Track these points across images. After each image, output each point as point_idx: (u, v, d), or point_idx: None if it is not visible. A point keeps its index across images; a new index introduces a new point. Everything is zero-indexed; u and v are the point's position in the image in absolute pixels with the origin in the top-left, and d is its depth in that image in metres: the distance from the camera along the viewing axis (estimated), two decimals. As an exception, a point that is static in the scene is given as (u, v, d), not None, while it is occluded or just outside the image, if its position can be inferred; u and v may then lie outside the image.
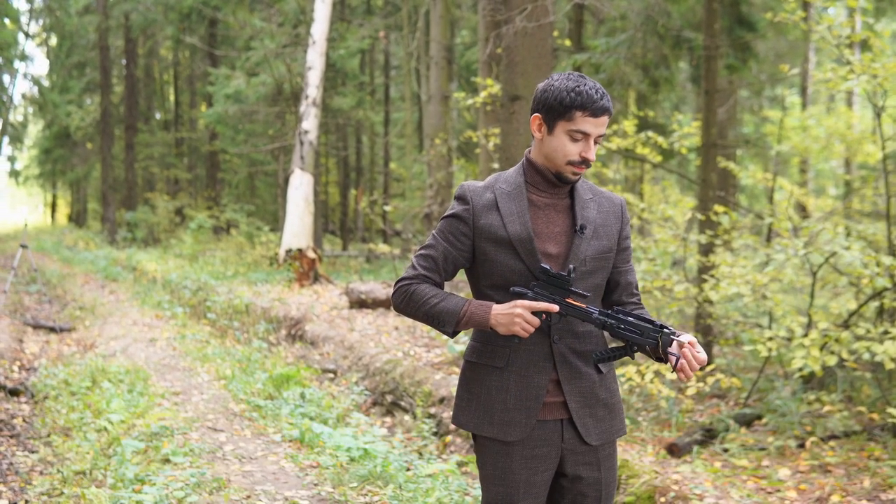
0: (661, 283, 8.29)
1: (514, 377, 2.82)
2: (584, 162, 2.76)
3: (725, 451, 6.22)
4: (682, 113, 18.88)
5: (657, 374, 7.20)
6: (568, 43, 12.93)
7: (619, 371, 7.02)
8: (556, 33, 11.30)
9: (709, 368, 7.42)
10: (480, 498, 2.96)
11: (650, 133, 10.05)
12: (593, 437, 2.84)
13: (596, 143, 2.76)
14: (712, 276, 8.25)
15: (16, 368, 9.63)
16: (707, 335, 8.70)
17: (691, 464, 5.85)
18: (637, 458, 5.63)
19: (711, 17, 9.27)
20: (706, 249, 8.96)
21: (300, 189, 15.70)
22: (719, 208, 8.40)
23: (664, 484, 5.02)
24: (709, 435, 6.52)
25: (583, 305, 2.72)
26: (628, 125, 9.77)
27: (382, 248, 17.07)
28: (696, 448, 6.28)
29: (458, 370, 8.31)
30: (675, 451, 6.23)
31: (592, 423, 2.84)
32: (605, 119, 2.74)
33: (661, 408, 7.29)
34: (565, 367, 2.81)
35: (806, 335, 6.81)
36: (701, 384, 7.12)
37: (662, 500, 4.92)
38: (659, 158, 10.56)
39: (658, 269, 8.53)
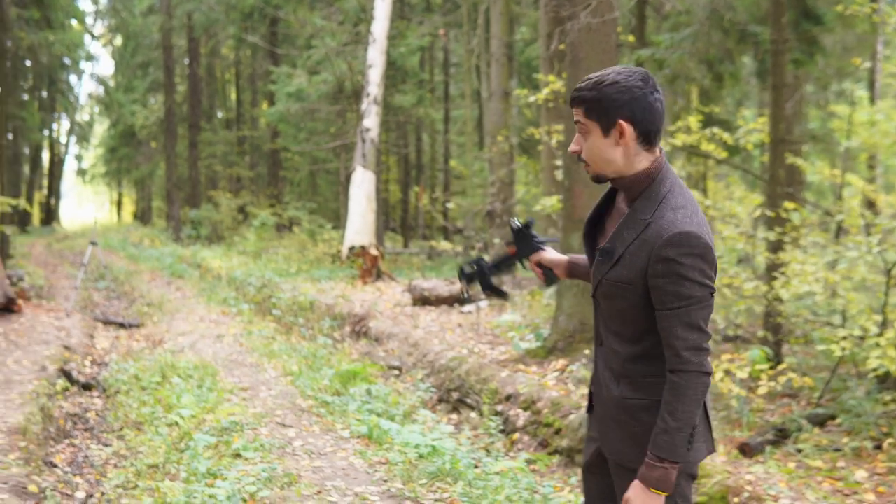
0: (728, 281, 8.18)
1: None
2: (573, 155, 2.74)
3: (799, 451, 6.12)
4: (745, 108, 18.59)
5: (727, 372, 7.11)
6: (631, 39, 12.80)
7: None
8: (618, 29, 11.19)
9: (780, 367, 7.31)
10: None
11: (715, 129, 9.93)
12: (605, 447, 2.78)
13: (580, 132, 2.67)
14: (783, 273, 8.12)
15: (87, 363, 9.83)
16: (777, 334, 8.57)
17: (764, 464, 5.76)
18: (709, 457, 5.56)
19: (778, 10, 9.11)
20: (775, 247, 8.82)
21: (362, 187, 15.80)
22: (789, 205, 8.26)
23: (737, 484, 4.96)
24: (781, 435, 6.42)
25: (510, 252, 3.12)
26: (692, 121, 9.66)
27: (444, 245, 17.10)
28: (768, 448, 6.18)
29: (524, 368, 8.29)
30: (747, 450, 6.15)
31: (605, 432, 2.78)
32: (577, 110, 2.64)
33: (731, 407, 7.19)
34: (596, 374, 2.86)
35: (881, 334, 6.67)
36: (772, 383, 7.01)
37: (736, 500, 4.86)
38: (724, 154, 10.42)
39: (725, 267, 8.43)
